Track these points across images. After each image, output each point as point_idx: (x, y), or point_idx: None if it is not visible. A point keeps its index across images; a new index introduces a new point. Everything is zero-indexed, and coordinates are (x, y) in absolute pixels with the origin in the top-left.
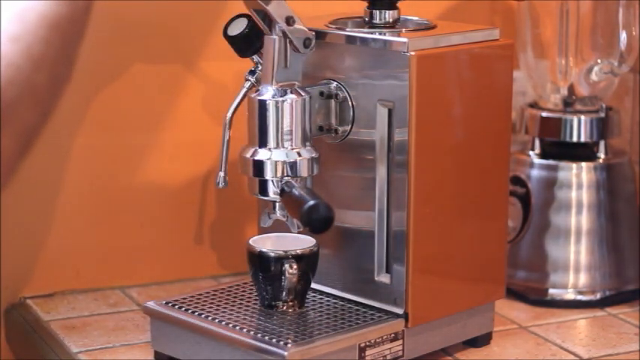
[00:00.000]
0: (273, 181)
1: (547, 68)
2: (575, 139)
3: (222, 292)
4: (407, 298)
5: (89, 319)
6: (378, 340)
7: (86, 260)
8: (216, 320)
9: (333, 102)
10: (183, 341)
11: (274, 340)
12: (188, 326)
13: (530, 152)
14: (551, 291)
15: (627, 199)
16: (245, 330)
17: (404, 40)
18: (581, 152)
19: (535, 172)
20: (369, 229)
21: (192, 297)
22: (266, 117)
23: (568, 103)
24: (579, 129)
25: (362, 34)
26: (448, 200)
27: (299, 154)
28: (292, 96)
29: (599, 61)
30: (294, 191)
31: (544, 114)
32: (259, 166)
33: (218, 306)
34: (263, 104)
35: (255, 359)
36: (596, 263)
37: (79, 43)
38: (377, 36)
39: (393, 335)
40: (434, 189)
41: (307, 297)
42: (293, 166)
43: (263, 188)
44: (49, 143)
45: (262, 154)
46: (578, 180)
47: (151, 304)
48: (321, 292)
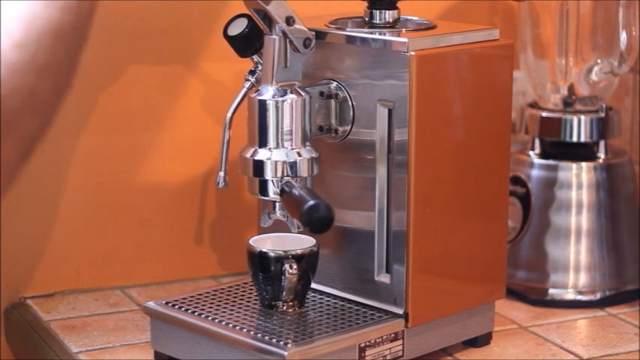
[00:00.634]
0: (273, 181)
1: (547, 68)
2: (575, 139)
3: (222, 292)
4: (407, 298)
5: (89, 319)
6: (378, 340)
7: (86, 260)
8: (216, 320)
9: (333, 102)
10: (183, 341)
11: (274, 340)
12: (188, 326)
13: (530, 152)
14: (551, 291)
15: (627, 199)
16: (245, 330)
17: (404, 40)
18: (581, 152)
19: (535, 172)
20: (369, 229)
21: (192, 297)
22: (266, 117)
23: (568, 103)
24: (579, 129)
25: (362, 34)
26: (448, 200)
27: (299, 154)
28: (292, 96)
29: (599, 61)
30: (294, 191)
31: (544, 114)
32: (259, 166)
33: (218, 306)
34: (263, 104)
35: (255, 359)
36: (596, 263)
37: (81, 50)
38: (377, 36)
39: (393, 335)
40: (434, 189)
41: (307, 297)
42: (293, 166)
43: (263, 188)
44: (48, 143)
45: (262, 154)
46: (578, 180)
47: (151, 304)
48: (321, 292)
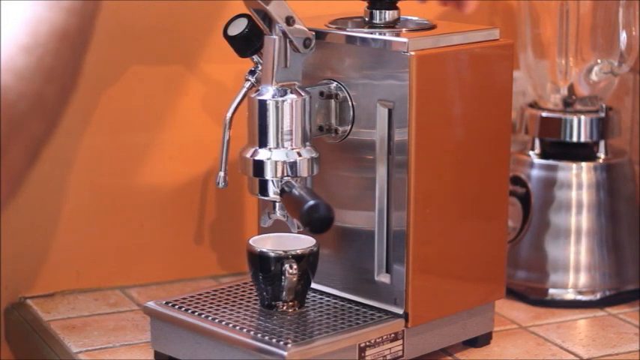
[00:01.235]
0: (273, 181)
1: (547, 68)
2: (575, 139)
3: (222, 292)
4: (407, 298)
5: (89, 319)
6: (378, 340)
7: (86, 260)
8: (216, 320)
9: (333, 102)
10: (183, 341)
11: (274, 340)
12: (188, 326)
13: (530, 152)
14: (551, 291)
15: (627, 199)
16: (245, 330)
17: (404, 40)
18: (581, 152)
19: (535, 172)
20: (369, 229)
21: (192, 297)
22: (266, 117)
23: (568, 103)
24: (579, 129)
25: (362, 34)
26: (448, 200)
27: (299, 154)
28: (292, 96)
29: (599, 61)
30: (294, 191)
31: (544, 114)
32: (259, 166)
33: (218, 306)
34: (263, 104)
35: (255, 359)
36: (596, 263)
37: (85, 51)
38: (377, 36)
39: (393, 335)
40: (434, 189)
41: (307, 297)
42: (293, 166)
43: (263, 188)
44: (49, 143)
45: (262, 154)
46: (578, 180)
47: (151, 304)
48: (321, 292)
